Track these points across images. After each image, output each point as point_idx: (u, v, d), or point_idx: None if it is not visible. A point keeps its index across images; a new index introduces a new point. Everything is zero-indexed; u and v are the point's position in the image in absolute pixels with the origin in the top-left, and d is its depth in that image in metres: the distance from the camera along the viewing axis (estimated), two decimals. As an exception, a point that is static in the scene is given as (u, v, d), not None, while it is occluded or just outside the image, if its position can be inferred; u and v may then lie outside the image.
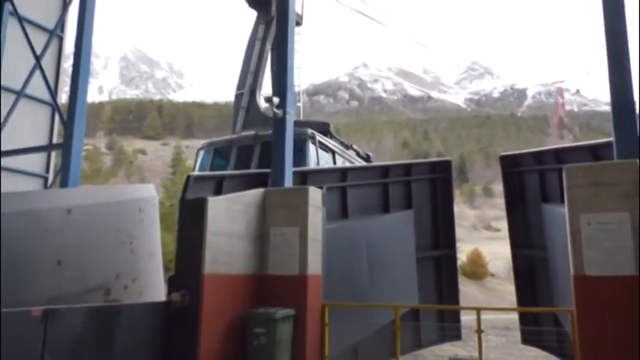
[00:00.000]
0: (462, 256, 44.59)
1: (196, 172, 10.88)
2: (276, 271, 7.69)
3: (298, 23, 13.65)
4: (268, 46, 11.87)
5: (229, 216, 7.24)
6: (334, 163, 12.12)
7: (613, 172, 6.21)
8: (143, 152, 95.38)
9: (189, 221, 6.96)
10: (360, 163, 13.97)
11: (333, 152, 12.14)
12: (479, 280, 47.70)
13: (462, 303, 13.77)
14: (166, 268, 8.47)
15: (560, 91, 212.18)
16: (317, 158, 11.19)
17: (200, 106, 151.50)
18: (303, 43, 14.44)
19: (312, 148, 11.23)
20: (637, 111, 6.74)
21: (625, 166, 6.16)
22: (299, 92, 13.15)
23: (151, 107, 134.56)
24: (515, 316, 12.44)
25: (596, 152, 8.04)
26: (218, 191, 8.22)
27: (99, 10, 8.09)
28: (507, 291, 38.04)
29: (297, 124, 11.76)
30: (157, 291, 7.83)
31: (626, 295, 5.83)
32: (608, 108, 6.80)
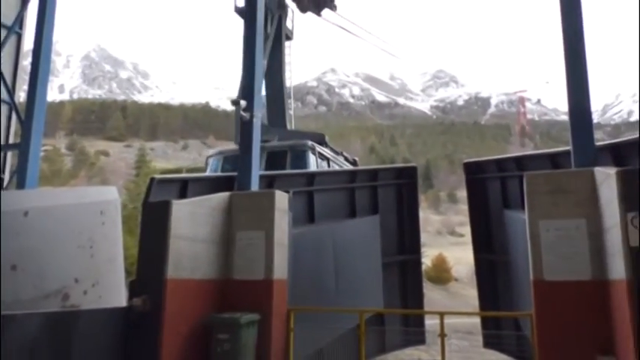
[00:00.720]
0: (427, 261, 45.23)
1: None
2: (241, 276, 7.60)
3: (289, 38, 14.46)
4: (264, 62, 12.69)
5: (194, 220, 7.12)
6: None
7: (571, 180, 6.41)
8: (105, 153, 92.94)
9: (152, 225, 6.81)
10: (349, 167, 14.60)
11: (328, 160, 13.05)
12: (443, 285, 48.48)
13: (427, 307, 13.96)
14: (128, 273, 8.27)
15: (522, 101, 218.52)
16: (317, 167, 12.05)
17: (166, 108, 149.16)
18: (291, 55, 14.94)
19: (312, 158, 12.08)
20: (593, 122, 7.01)
21: (582, 175, 6.37)
22: (290, 105, 14.05)
23: (114, 108, 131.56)
24: (478, 320, 12.68)
25: (555, 160, 8.29)
26: (183, 194, 8.08)
27: (60, 7, 7.87)
28: (471, 295, 38.77)
29: (296, 134, 13.00)
30: (118, 296, 7.63)
31: (582, 300, 6.02)
32: (567, 117, 7.03)
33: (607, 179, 5.74)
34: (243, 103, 8.21)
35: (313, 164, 12.00)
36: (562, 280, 6.15)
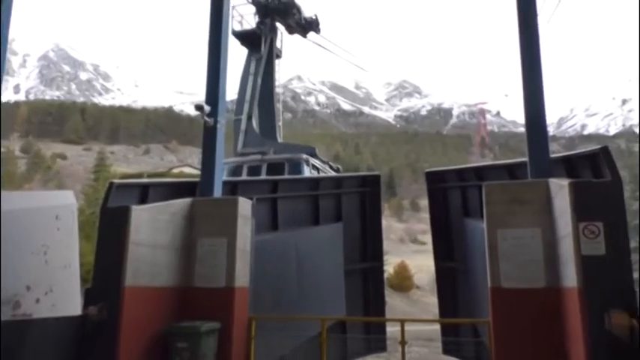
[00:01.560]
0: (389, 269, 45.71)
1: None
2: (202, 284, 7.48)
3: (278, 56, 15.16)
4: (259, 80, 13.89)
5: (154, 226, 6.97)
6: None
7: (527, 191, 6.62)
8: (63, 157, 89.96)
9: (110, 231, 6.63)
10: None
11: (318, 170, 13.87)
12: (405, 293, 49.04)
13: (388, 315, 14.10)
14: (85, 280, 7.98)
15: (483, 112, 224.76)
16: None
17: (127, 111, 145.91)
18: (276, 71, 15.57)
19: (306, 169, 13.03)
20: (548, 134, 7.27)
21: (537, 185, 6.59)
22: (279, 127, 14.88)
23: (73, 110, 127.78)
24: (438, 327, 12.88)
25: (512, 171, 8.54)
26: (143, 200, 7.90)
27: (17, 4, 7.58)
28: (432, 303, 39.37)
29: (289, 147, 13.73)
30: (73, 304, 7.35)
31: (537, 306, 6.20)
32: (524, 130, 7.27)
33: (560, 190, 5.95)
34: (207, 108, 8.12)
35: (308, 175, 12.83)
36: (518, 287, 6.32)
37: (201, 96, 8.70)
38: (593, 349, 5.08)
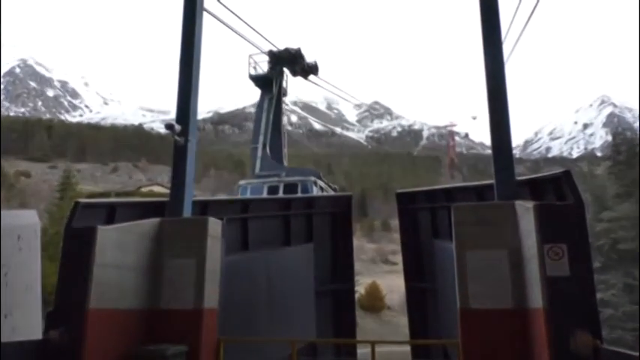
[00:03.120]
0: (361, 289, 45.63)
1: None
2: (169, 305, 7.30)
3: (284, 95, 17.37)
4: (271, 116, 16.21)
5: (121, 247, 6.80)
6: None
7: (494, 213, 6.75)
8: (26, 175, 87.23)
9: (74, 251, 6.43)
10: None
11: (322, 189, 15.44)
12: (376, 313, 48.93)
13: (359, 336, 14.02)
14: (47, 303, 7.71)
15: (452, 135, 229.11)
16: None
17: (95, 128, 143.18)
18: (287, 105, 18.42)
19: (315, 190, 14.74)
20: (514, 157, 7.47)
21: (504, 207, 6.74)
22: (285, 153, 16.94)
23: (39, 127, 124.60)
24: (409, 348, 12.85)
25: (480, 193, 8.71)
26: (110, 220, 7.72)
27: (-17, 20, 7.42)
28: (402, 323, 39.25)
29: (298, 170, 15.93)
30: (34, 328, 7.10)
31: (505, 327, 6.28)
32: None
33: (526, 212, 6.09)
34: (177, 127, 8.05)
35: (317, 193, 14.71)
36: (486, 308, 6.39)
37: (172, 114, 8.61)
38: (559, 369, 5.15)
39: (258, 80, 16.87)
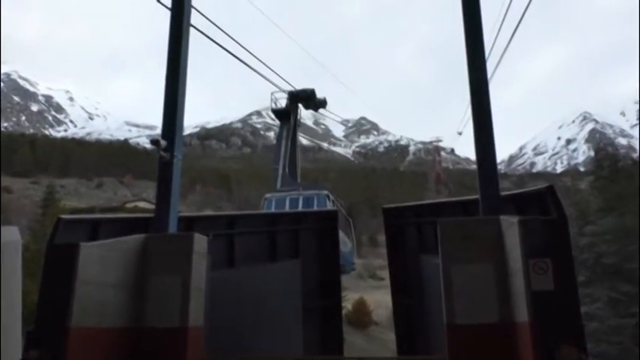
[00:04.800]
0: (348, 305, 45.36)
1: None
2: (154, 324, 7.16)
3: (299, 126, 20.39)
4: (289, 143, 19.18)
5: (104, 263, 6.69)
6: None
7: (479, 228, 6.79)
8: (8, 190, 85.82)
9: (56, 268, 6.31)
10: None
11: (334, 203, 17.99)
12: (363, 329, 48.60)
13: (346, 352, 13.86)
14: (27, 321, 7.53)
15: (438, 150, 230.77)
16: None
17: (80, 144, 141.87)
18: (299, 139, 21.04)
19: (328, 203, 17.14)
20: (499, 173, 7.55)
21: (489, 222, 6.78)
22: (299, 172, 19.97)
23: (21, 141, 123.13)
24: (396, 364, 12.78)
25: (466, 208, 8.76)
26: (94, 236, 7.61)
27: (-33, 34, 7.36)
28: (390, 339, 39.07)
29: (312, 185, 19.00)
30: (13, 347, 6.92)
31: (491, 342, 6.28)
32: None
33: (511, 227, 6.14)
34: (163, 142, 8.00)
35: (330, 207, 16.82)
36: (473, 323, 6.38)
37: (158, 129, 8.56)
38: (545, 383, 5.16)
39: (278, 114, 20.02)
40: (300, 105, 20.37)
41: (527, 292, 5.52)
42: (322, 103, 20.80)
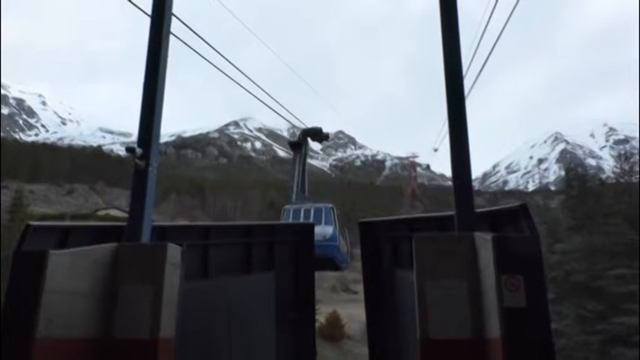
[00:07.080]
0: (321, 318, 45.18)
1: None
2: (123, 335, 6.99)
3: (307, 155, 23.34)
4: (300, 168, 22.09)
5: (74, 272, 6.52)
6: None
7: (454, 243, 6.86)
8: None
9: (22, 277, 6.11)
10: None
11: (337, 216, 19.78)
12: (336, 343, 48.42)
13: (318, 366, 13.78)
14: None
15: (414, 166, 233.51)
16: (336, 222, 18.92)
17: (51, 149, 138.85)
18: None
19: (335, 216, 19.07)
20: (474, 189, 7.67)
21: (464, 238, 6.86)
22: (307, 189, 22.35)
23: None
24: (367, 379, 12.73)
25: (441, 223, 8.85)
26: (63, 244, 7.42)
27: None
28: (362, 353, 39.02)
29: (319, 200, 21.27)
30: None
31: (464, 357, 6.32)
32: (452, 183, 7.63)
33: (484, 244, 6.23)
34: (138, 150, 7.89)
35: (336, 220, 18.97)
36: (446, 338, 6.43)
37: (134, 137, 8.44)
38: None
39: (293, 144, 23.80)
40: (308, 138, 24.71)
41: (499, 308, 5.59)
42: (325, 137, 24.50)
